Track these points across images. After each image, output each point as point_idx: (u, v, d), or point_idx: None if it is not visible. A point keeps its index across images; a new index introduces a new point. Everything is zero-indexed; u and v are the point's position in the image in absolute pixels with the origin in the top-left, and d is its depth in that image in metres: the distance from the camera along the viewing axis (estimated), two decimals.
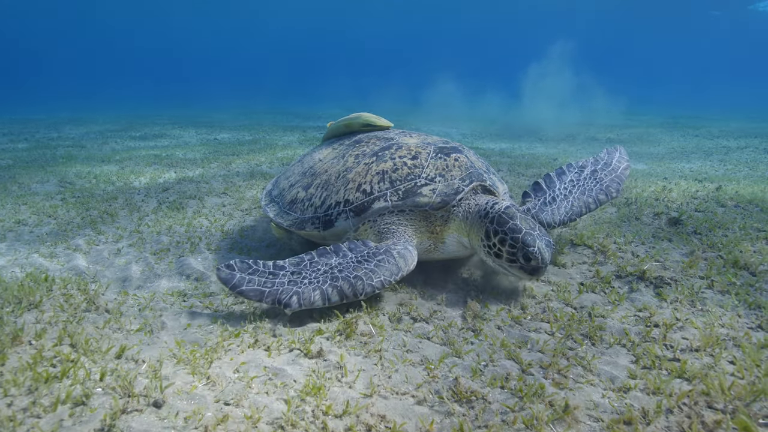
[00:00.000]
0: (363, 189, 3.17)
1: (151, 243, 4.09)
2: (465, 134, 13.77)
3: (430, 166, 3.18)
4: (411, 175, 3.14)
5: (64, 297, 2.87)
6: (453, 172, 3.16)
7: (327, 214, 3.24)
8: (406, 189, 3.09)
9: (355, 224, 3.15)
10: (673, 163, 8.51)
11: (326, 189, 3.37)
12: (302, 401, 1.91)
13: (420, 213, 3.09)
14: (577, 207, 3.42)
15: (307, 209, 3.38)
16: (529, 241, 2.70)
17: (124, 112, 23.43)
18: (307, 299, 2.57)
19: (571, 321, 2.63)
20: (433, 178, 3.12)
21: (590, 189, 3.54)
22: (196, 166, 7.76)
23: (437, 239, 3.12)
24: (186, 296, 3.05)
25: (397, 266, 2.76)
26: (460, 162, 3.23)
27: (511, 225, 2.77)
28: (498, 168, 7.62)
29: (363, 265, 2.73)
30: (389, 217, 3.09)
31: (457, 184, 3.10)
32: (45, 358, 2.18)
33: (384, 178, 3.16)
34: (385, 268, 2.72)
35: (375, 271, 2.69)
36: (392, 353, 2.30)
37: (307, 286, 2.63)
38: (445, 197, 3.04)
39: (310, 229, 3.28)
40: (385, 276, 2.69)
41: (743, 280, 3.11)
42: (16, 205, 5.28)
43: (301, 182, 3.67)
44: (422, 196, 3.05)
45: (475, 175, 3.17)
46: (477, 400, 1.92)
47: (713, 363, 2.21)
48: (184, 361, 2.22)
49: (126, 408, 1.84)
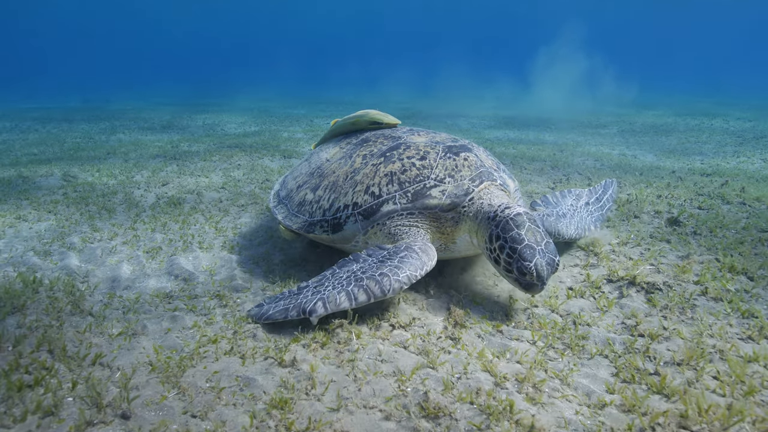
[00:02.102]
0: (371, 191, 3.14)
1: (145, 240, 4.11)
2: (473, 123, 13.59)
3: (439, 166, 3.12)
4: (420, 176, 3.09)
5: (50, 299, 2.89)
6: (462, 172, 3.10)
7: (336, 218, 3.21)
8: (415, 191, 3.04)
9: (364, 227, 3.11)
10: (683, 155, 8.29)
11: (334, 191, 3.34)
12: (268, 415, 1.90)
13: (430, 214, 3.04)
14: (581, 228, 3.59)
15: (316, 212, 3.34)
16: (527, 254, 2.59)
17: (140, 100, 23.58)
18: (332, 302, 2.52)
19: (554, 330, 2.57)
20: (442, 179, 3.07)
21: (586, 217, 3.77)
22: (198, 159, 7.78)
23: (448, 240, 3.08)
24: (171, 298, 3.06)
25: (421, 260, 2.72)
26: (469, 161, 3.16)
27: (514, 234, 2.67)
28: (501, 161, 7.51)
29: (386, 263, 2.69)
30: (398, 220, 3.05)
31: (467, 184, 3.04)
32: (21, 366, 2.20)
33: (392, 179, 3.12)
34: (409, 263, 2.68)
35: (400, 266, 2.64)
36: (366, 363, 2.28)
37: (331, 290, 2.60)
38: (454, 198, 2.99)
39: (319, 233, 3.26)
40: (411, 271, 2.64)
41: (739, 286, 3.01)
42: (18, 201, 5.35)
43: (309, 183, 3.64)
44: (431, 198, 3.01)
45: (485, 175, 3.11)
46: (444, 417, 1.89)
47: (696, 377, 2.14)
48: (158, 369, 2.22)
49: (93, 420, 1.85)
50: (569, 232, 3.48)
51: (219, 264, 3.60)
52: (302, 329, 2.57)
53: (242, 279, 3.32)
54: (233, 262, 3.62)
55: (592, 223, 3.72)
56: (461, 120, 14.20)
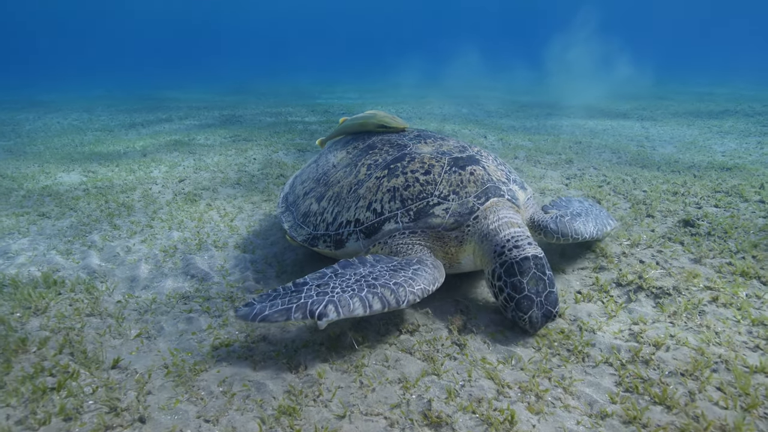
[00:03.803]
0: (373, 208, 3.07)
1: (162, 239, 4.22)
2: (490, 111, 13.46)
3: (443, 182, 3.03)
4: (423, 193, 3.00)
5: (71, 301, 3.02)
6: (468, 188, 3.01)
7: (338, 233, 3.16)
8: (417, 209, 2.96)
9: (365, 246, 3.05)
10: (704, 148, 8.10)
11: (338, 204, 3.29)
12: (276, 421, 1.98)
13: (433, 233, 2.95)
14: (600, 224, 3.46)
15: (320, 225, 3.31)
16: (524, 306, 2.55)
17: (157, 90, 23.87)
18: (345, 307, 2.31)
19: (560, 336, 2.59)
20: (446, 196, 2.98)
21: (599, 214, 3.64)
22: (214, 153, 7.89)
23: (453, 260, 3.00)
24: (187, 299, 3.16)
25: (434, 275, 2.65)
26: (476, 176, 3.06)
27: (515, 281, 2.61)
28: (516, 155, 7.45)
29: (400, 273, 2.59)
30: (401, 239, 2.96)
31: (472, 202, 2.96)
32: (45, 369, 2.32)
33: (395, 196, 3.04)
34: (423, 277, 2.59)
35: (414, 278, 2.55)
36: (373, 369, 2.34)
37: (342, 294, 2.40)
38: (458, 217, 2.92)
39: (322, 247, 3.22)
40: (425, 284, 2.55)
41: (750, 291, 2.98)
42: (41, 197, 5.52)
43: (315, 191, 3.62)
44: (435, 217, 2.93)
45: (491, 191, 3.02)
46: (445, 426, 1.94)
47: (699, 388, 2.15)
48: (173, 372, 2.32)
49: (112, 425, 1.95)
50: (588, 229, 3.30)
51: (233, 264, 3.69)
52: (310, 332, 2.64)
53: (255, 279, 3.41)
54: (246, 262, 3.70)
55: (606, 218, 3.59)
56: (477, 109, 14.07)
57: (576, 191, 5.35)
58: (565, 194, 5.25)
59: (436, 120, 11.83)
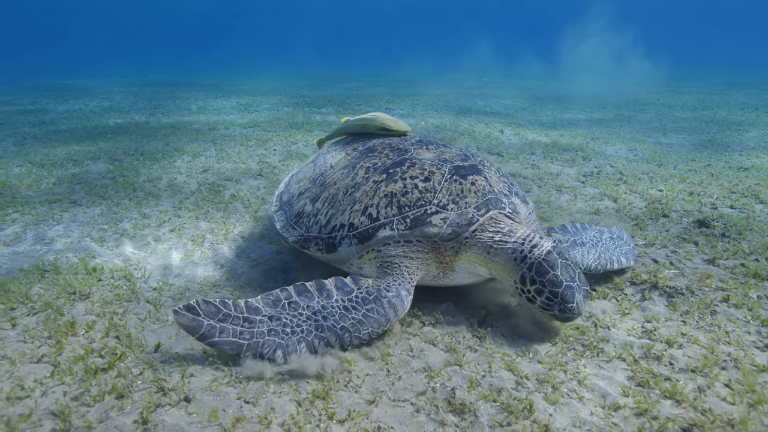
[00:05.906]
0: (369, 213, 2.97)
1: (191, 228, 4.40)
2: (506, 106, 13.46)
3: (443, 190, 2.94)
4: (421, 200, 2.90)
5: (111, 287, 3.20)
6: (468, 198, 2.92)
7: (331, 237, 3.07)
8: (414, 217, 2.87)
9: (358, 251, 2.96)
10: (722, 145, 8.09)
11: (332, 206, 3.19)
12: (311, 404, 2.14)
13: (429, 243, 2.88)
14: (603, 259, 3.25)
15: (312, 226, 3.23)
16: (568, 296, 2.55)
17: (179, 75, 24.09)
18: (293, 353, 2.41)
19: (575, 332, 2.72)
20: (445, 206, 2.88)
21: (613, 249, 3.41)
22: (235, 143, 8.06)
23: (447, 268, 2.93)
24: (218, 287, 3.33)
25: (386, 317, 2.61)
26: (477, 186, 2.98)
27: (551, 277, 2.59)
28: (533, 150, 7.52)
29: (350, 314, 2.58)
30: (395, 248, 2.88)
31: (471, 213, 2.87)
32: (94, 350, 2.51)
33: (392, 202, 2.94)
34: (374, 319, 2.58)
35: (363, 322, 2.56)
36: (398, 358, 2.49)
37: (291, 336, 2.45)
38: (456, 228, 2.83)
39: (314, 250, 3.15)
40: (373, 328, 2.57)
41: (761, 293, 3.08)
42: (71, 184, 5.73)
43: (310, 192, 3.52)
44: (432, 226, 2.84)
45: (492, 202, 2.92)
46: (468, 413, 2.09)
47: (708, 384, 2.27)
48: (212, 356, 2.49)
49: (161, 403, 2.13)
50: (586, 260, 3.18)
51: (259, 254, 3.85)
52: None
53: (281, 270, 3.57)
54: (273, 253, 3.86)
55: (621, 255, 3.37)
56: (494, 101, 14.07)
57: (592, 189, 5.42)
58: (581, 192, 5.33)
59: (452, 113, 11.88)
